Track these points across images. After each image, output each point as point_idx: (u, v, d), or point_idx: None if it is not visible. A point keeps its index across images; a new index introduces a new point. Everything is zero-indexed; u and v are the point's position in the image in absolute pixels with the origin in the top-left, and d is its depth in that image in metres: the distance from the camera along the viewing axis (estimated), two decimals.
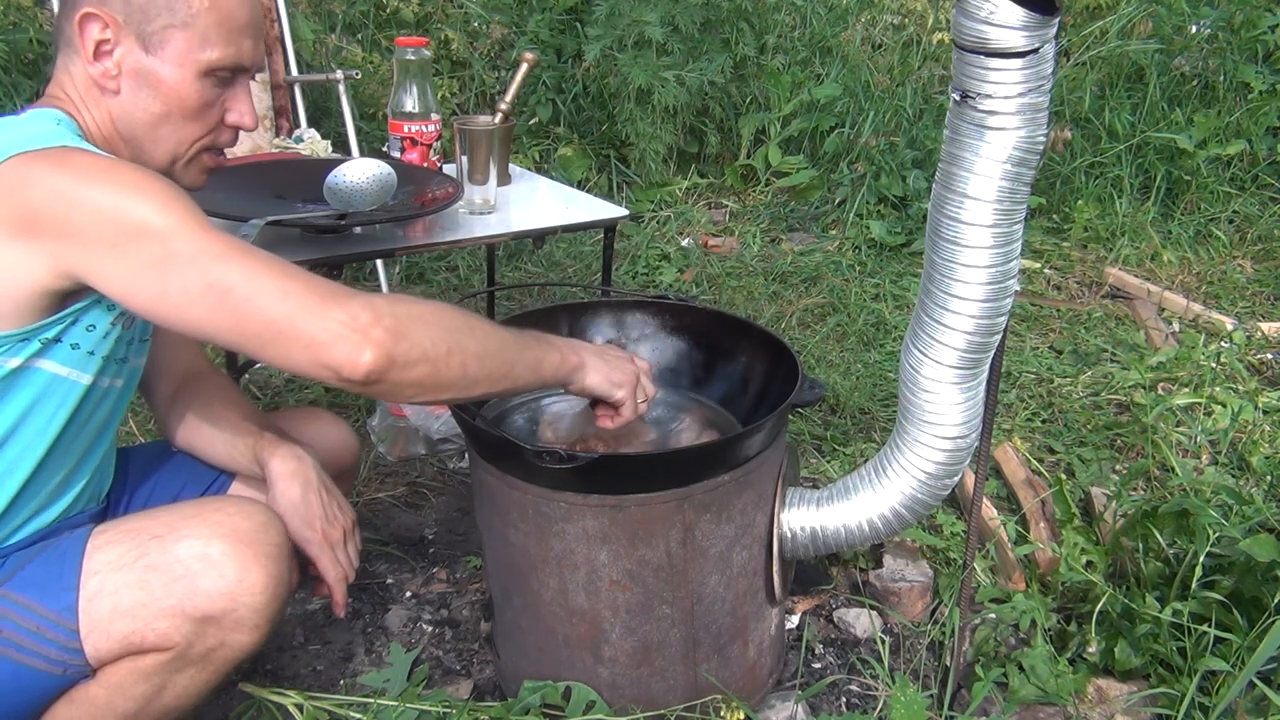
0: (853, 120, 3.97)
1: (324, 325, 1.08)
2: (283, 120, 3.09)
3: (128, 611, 1.15)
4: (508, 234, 1.89)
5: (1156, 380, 2.55)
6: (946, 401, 1.35)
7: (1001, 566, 1.87)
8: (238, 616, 1.17)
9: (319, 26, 3.83)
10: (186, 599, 1.15)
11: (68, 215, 1.06)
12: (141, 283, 1.08)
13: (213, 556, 1.16)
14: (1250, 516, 1.68)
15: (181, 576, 1.16)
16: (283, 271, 1.10)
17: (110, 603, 1.16)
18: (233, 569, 1.16)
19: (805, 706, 1.60)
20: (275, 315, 1.08)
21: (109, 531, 1.21)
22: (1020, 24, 1.13)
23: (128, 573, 1.16)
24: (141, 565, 1.16)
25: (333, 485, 1.40)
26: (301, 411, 1.66)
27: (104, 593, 1.16)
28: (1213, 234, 3.62)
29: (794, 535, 1.50)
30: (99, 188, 1.07)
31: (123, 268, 1.07)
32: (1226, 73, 3.95)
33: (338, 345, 1.07)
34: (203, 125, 1.23)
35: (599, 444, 1.47)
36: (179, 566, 1.16)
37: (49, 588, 1.17)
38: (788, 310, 3.08)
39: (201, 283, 1.07)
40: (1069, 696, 1.56)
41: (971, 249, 1.25)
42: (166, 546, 1.17)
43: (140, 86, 1.18)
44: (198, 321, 1.09)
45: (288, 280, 1.09)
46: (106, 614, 1.16)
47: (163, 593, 1.15)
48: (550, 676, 1.48)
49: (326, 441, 1.56)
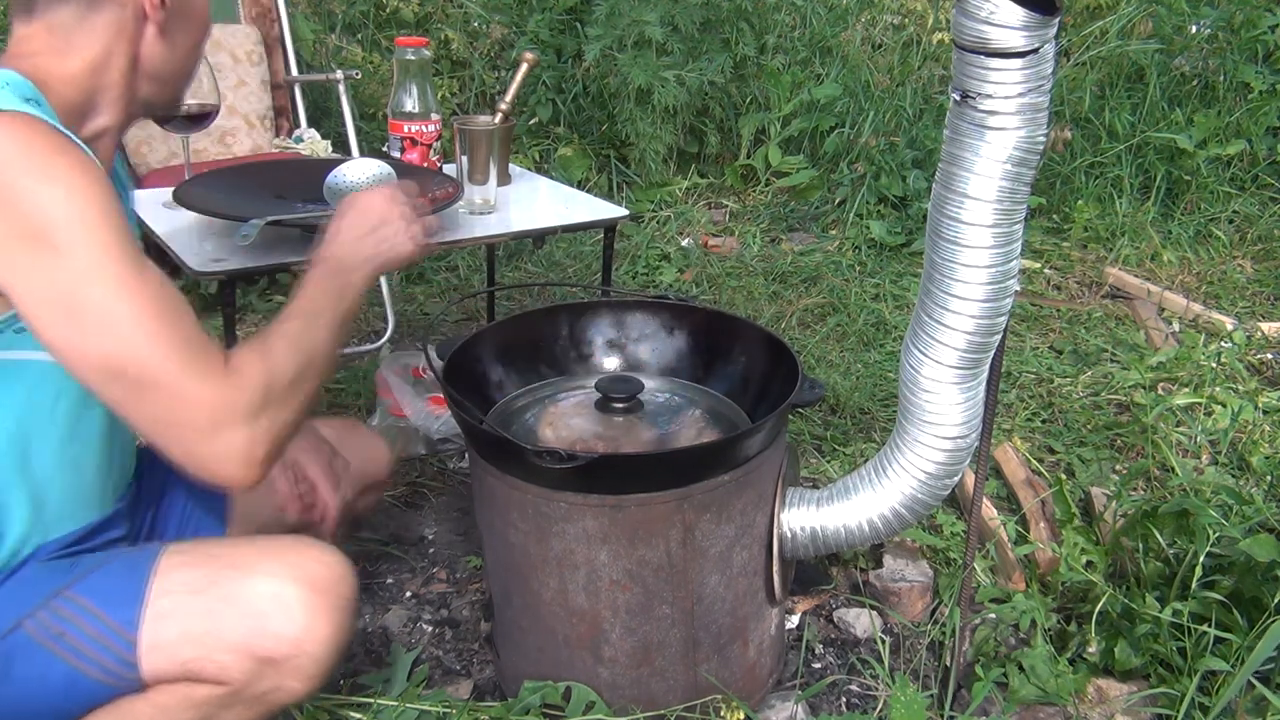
0: (853, 120, 3.97)
1: (212, 449, 1.05)
2: (283, 120, 3.09)
3: (195, 638, 1.15)
4: (508, 234, 1.89)
5: (1156, 380, 2.55)
6: (946, 401, 1.35)
7: (1001, 566, 1.87)
8: (298, 664, 1.16)
9: (319, 26, 3.83)
10: (253, 637, 1.15)
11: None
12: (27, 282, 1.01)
13: (286, 599, 1.15)
14: (1250, 516, 1.68)
15: (253, 614, 1.15)
16: (170, 342, 1.03)
17: (179, 626, 1.15)
18: (303, 615, 1.15)
19: (805, 706, 1.60)
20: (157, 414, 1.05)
21: (188, 553, 1.21)
22: (1020, 24, 1.13)
23: (201, 600, 1.16)
24: (216, 594, 1.16)
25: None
26: (341, 423, 1.67)
27: (175, 615, 1.15)
28: (1213, 234, 3.62)
29: (794, 535, 1.50)
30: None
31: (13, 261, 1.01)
32: (1226, 73, 3.95)
33: (223, 468, 1.06)
34: (200, 27, 1.28)
35: (599, 444, 1.47)
36: (252, 604, 1.15)
37: (115, 597, 1.16)
38: (788, 310, 3.08)
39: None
40: (1069, 696, 1.56)
41: (972, 249, 1.25)
42: (244, 581, 1.16)
43: (179, 17, 1.19)
44: (56, 345, 1.03)
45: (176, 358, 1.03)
46: (173, 636, 1.15)
47: (232, 626, 1.15)
48: (550, 676, 1.48)
49: (365, 454, 1.58)
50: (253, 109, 2.97)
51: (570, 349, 1.72)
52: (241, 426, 1.06)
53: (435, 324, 2.99)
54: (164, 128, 1.78)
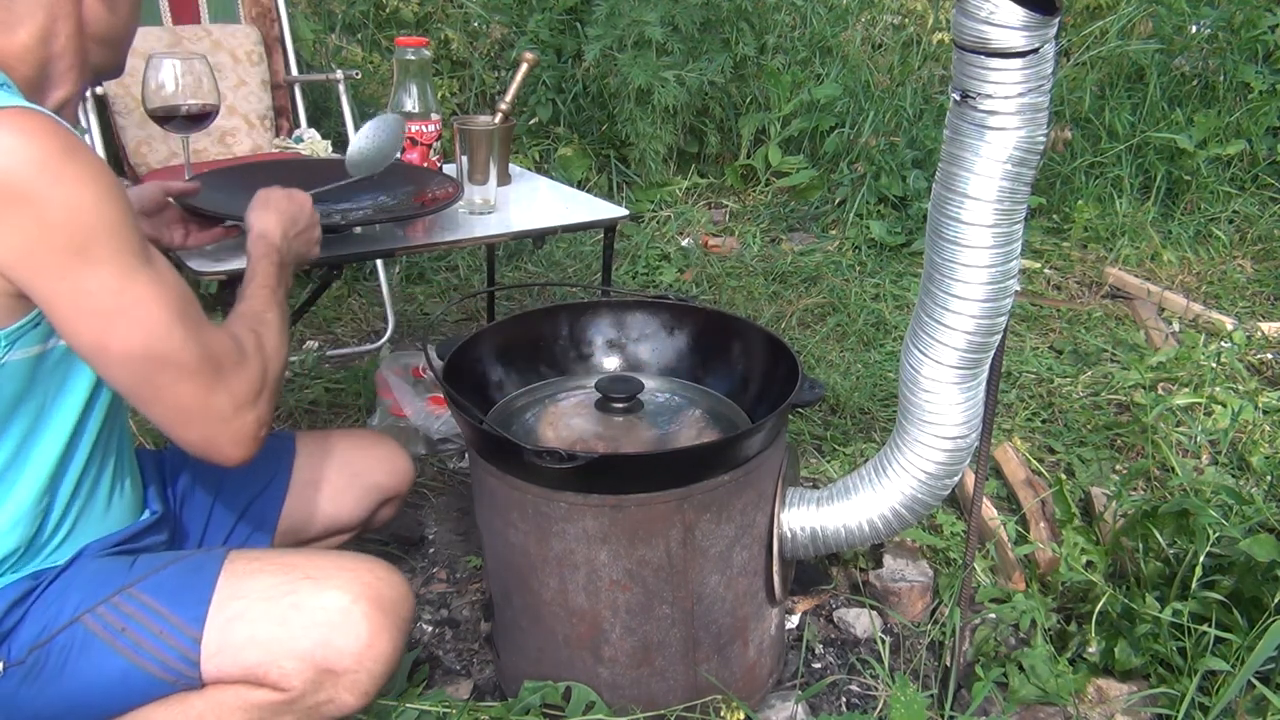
0: (853, 120, 3.97)
1: (230, 433, 1.14)
2: (283, 120, 3.09)
3: (262, 642, 1.17)
4: (508, 234, 1.89)
5: (1156, 380, 2.55)
6: (946, 401, 1.35)
7: (1001, 566, 1.87)
8: (355, 679, 1.19)
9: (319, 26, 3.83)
10: (319, 648, 1.17)
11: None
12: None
13: (355, 615, 1.19)
14: (1250, 516, 1.68)
15: (322, 624, 1.18)
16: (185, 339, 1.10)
17: (249, 630, 1.18)
18: (368, 632, 1.19)
19: (805, 706, 1.60)
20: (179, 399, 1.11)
21: (261, 560, 1.25)
22: (1020, 24, 1.13)
23: (273, 606, 1.19)
24: (288, 602, 1.19)
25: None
26: (365, 434, 1.70)
27: (246, 618, 1.18)
28: (1213, 234, 3.62)
29: (794, 535, 1.50)
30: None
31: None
32: (1226, 73, 3.95)
33: (236, 449, 1.15)
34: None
35: (599, 444, 1.47)
36: (322, 614, 1.18)
37: (182, 596, 1.19)
38: (788, 310, 3.08)
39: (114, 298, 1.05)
40: (1069, 696, 1.56)
41: (972, 249, 1.25)
42: (317, 591, 1.20)
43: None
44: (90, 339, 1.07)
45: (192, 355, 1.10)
46: (242, 639, 1.17)
47: (300, 634, 1.17)
48: (550, 676, 1.48)
49: (386, 467, 1.60)
50: (253, 109, 2.97)
51: (570, 349, 1.72)
52: (252, 410, 1.15)
53: (435, 324, 2.99)
54: (164, 128, 1.78)
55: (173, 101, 1.72)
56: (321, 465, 1.57)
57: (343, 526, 1.60)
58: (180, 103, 1.72)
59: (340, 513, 1.57)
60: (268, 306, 1.27)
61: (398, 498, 1.64)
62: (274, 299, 1.29)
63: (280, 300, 1.31)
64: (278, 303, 1.29)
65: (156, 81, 1.72)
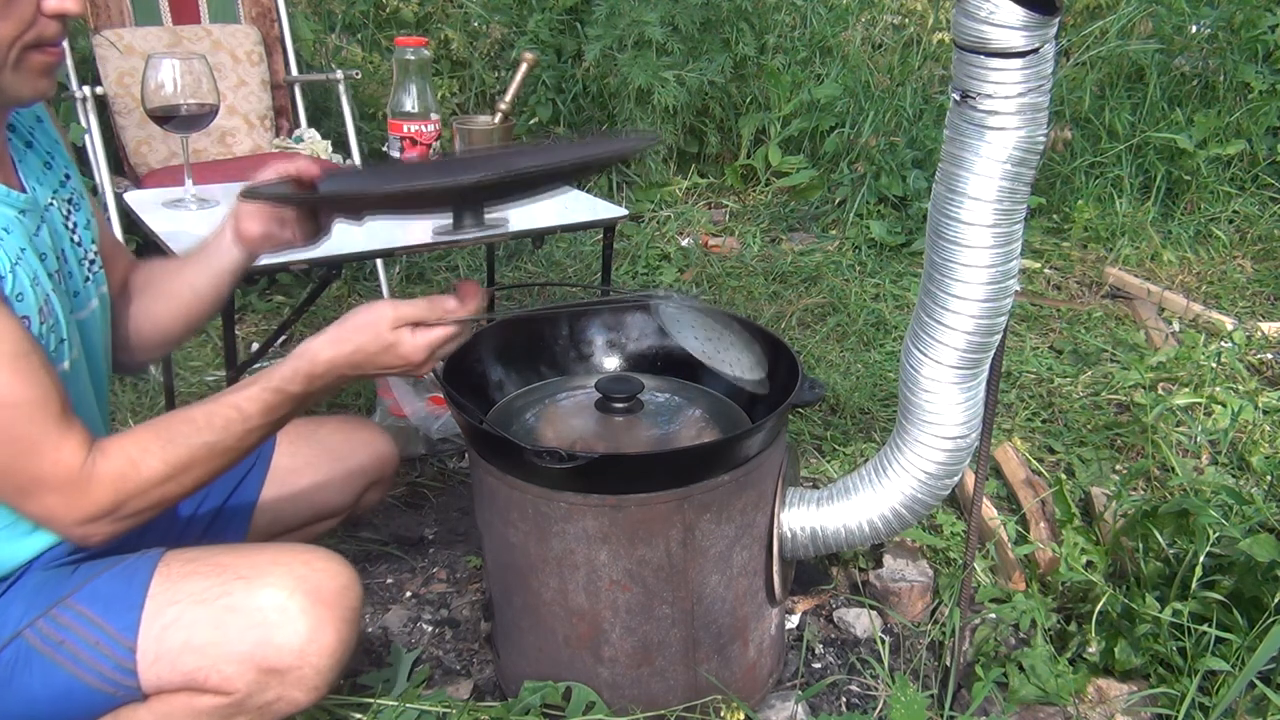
0: (853, 120, 3.97)
1: (71, 535, 1.08)
2: (283, 120, 3.09)
3: (199, 648, 1.15)
4: (508, 234, 1.89)
5: (1156, 380, 2.54)
6: (946, 401, 1.35)
7: (1001, 566, 1.87)
8: (301, 675, 1.16)
9: (319, 26, 3.83)
10: (258, 648, 1.15)
11: None
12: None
13: (292, 611, 1.15)
14: (1250, 516, 1.68)
15: (259, 624, 1.15)
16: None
17: (184, 635, 1.15)
18: (308, 627, 1.16)
19: (805, 706, 1.60)
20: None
21: (194, 561, 1.20)
22: (1020, 24, 1.13)
23: (207, 609, 1.16)
24: (222, 604, 1.16)
25: None
26: (346, 419, 1.68)
27: (180, 624, 1.15)
28: (1213, 234, 3.62)
29: (794, 535, 1.50)
30: None
31: None
32: (1226, 73, 3.95)
33: (65, 530, 1.08)
34: (14, 21, 1.03)
35: (599, 444, 1.47)
36: (258, 614, 1.15)
37: (114, 604, 1.16)
38: (788, 310, 3.08)
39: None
40: (1069, 696, 1.56)
41: (972, 249, 1.25)
42: (250, 590, 1.16)
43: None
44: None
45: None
46: (178, 646, 1.15)
47: (237, 637, 1.15)
48: (550, 676, 1.48)
49: (369, 450, 1.59)
50: (253, 109, 2.97)
51: (570, 349, 1.72)
52: (93, 525, 1.07)
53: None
54: (164, 128, 1.78)
55: (172, 101, 1.72)
56: (303, 452, 1.55)
57: (329, 512, 1.59)
58: (180, 102, 1.73)
59: (325, 499, 1.56)
60: (219, 428, 1.13)
61: (383, 481, 1.62)
62: (242, 423, 1.14)
63: (248, 429, 1.15)
64: (239, 429, 1.14)
65: (156, 81, 1.72)
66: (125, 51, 2.75)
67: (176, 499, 1.14)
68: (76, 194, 1.27)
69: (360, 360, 1.18)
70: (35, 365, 1.04)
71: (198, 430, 1.12)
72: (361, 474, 1.58)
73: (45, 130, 1.26)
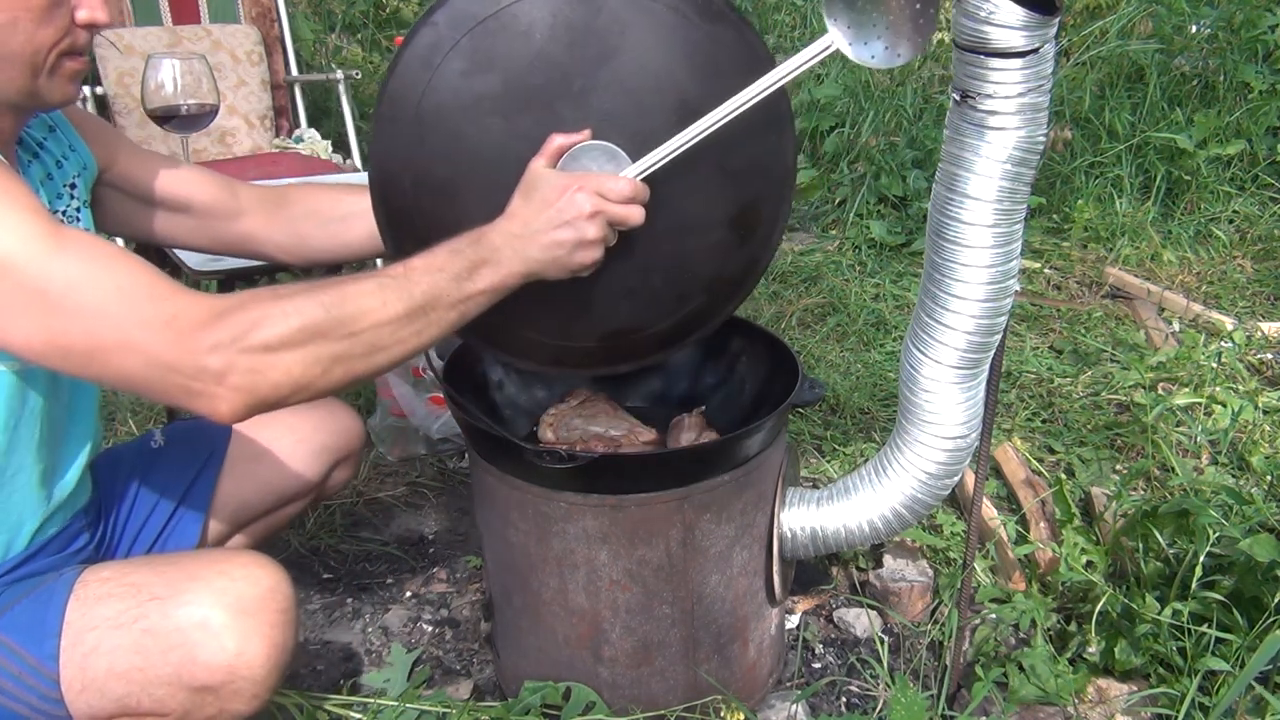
0: (853, 120, 3.97)
1: (174, 380, 0.99)
2: (283, 120, 3.09)
3: (123, 675, 1.11)
4: None
5: (1156, 380, 2.54)
6: (946, 401, 1.35)
7: (1001, 566, 1.87)
8: (235, 688, 1.12)
9: (319, 26, 3.84)
10: (184, 669, 1.11)
11: None
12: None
13: (213, 626, 1.11)
14: (1250, 516, 1.68)
15: (179, 645, 1.11)
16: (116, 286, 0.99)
17: (106, 662, 1.11)
18: (233, 641, 1.11)
19: (805, 706, 1.60)
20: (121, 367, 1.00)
21: (109, 582, 1.16)
22: (1020, 24, 1.13)
23: (125, 634, 1.12)
24: (139, 628, 1.11)
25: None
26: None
27: (100, 650, 1.11)
28: (1213, 234, 3.62)
29: (794, 535, 1.50)
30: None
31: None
32: (1226, 73, 3.95)
33: (195, 401, 1.01)
34: (55, 28, 1.09)
35: (599, 444, 1.47)
36: (178, 635, 1.11)
37: (33, 632, 1.12)
38: (788, 310, 3.08)
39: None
40: (1069, 696, 1.56)
41: (972, 249, 1.24)
42: (167, 611, 1.12)
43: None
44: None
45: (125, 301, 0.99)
46: (102, 674, 1.11)
47: (159, 660, 1.11)
48: (550, 676, 1.48)
49: (333, 426, 1.57)
50: (253, 109, 2.97)
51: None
52: (198, 346, 0.99)
53: None
54: (164, 128, 1.78)
55: (172, 101, 1.72)
56: (261, 437, 1.53)
57: (295, 493, 1.57)
58: (180, 102, 1.73)
59: (288, 481, 1.54)
60: (376, 274, 1.08)
61: (351, 457, 1.61)
62: (397, 285, 1.08)
63: (402, 292, 1.08)
64: (391, 295, 1.07)
65: (156, 81, 1.72)
66: (125, 51, 2.75)
67: (333, 359, 1.04)
68: (81, 202, 1.27)
69: (528, 217, 1.15)
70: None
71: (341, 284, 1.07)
72: (325, 451, 1.56)
73: (58, 139, 1.27)
